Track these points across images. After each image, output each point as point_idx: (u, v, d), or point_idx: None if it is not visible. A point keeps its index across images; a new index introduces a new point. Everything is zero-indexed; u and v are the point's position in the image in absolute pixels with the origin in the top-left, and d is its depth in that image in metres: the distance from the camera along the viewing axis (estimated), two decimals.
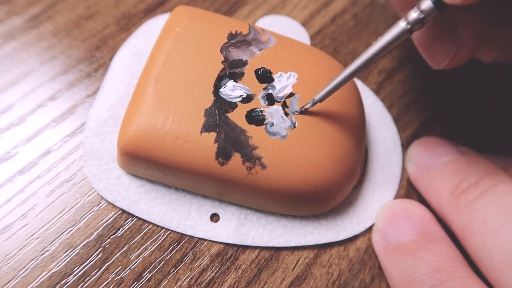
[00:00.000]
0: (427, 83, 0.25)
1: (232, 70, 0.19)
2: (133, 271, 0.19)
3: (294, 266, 0.20)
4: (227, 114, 0.18)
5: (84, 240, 0.19)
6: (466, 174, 0.19)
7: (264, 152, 0.18)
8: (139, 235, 0.19)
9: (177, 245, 0.19)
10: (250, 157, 0.18)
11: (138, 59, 0.22)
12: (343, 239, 0.20)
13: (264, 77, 0.19)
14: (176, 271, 0.19)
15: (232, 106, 0.18)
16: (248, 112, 0.18)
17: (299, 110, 0.19)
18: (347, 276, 0.20)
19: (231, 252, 0.20)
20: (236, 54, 0.19)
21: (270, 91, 0.19)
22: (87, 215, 0.19)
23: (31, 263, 0.18)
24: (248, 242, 0.20)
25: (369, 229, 0.21)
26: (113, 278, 0.18)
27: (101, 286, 0.18)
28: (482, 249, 0.17)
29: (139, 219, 0.20)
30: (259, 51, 0.20)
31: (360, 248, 0.20)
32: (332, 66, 0.21)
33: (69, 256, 0.19)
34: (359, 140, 0.20)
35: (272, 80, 0.19)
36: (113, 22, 0.24)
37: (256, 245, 0.20)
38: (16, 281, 0.18)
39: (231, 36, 0.20)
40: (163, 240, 0.19)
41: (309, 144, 0.18)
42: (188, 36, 0.19)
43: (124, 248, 0.19)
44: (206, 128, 0.18)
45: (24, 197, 0.19)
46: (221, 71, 0.19)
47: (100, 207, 0.20)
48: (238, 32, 0.20)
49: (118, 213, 0.20)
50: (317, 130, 0.19)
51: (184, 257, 0.19)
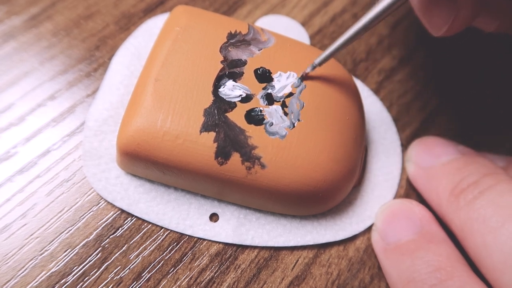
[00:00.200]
0: (427, 83, 0.25)
1: (232, 70, 0.19)
2: (133, 271, 0.19)
3: (294, 266, 0.20)
4: (227, 114, 0.18)
5: (84, 240, 0.19)
6: (466, 174, 0.19)
7: (264, 152, 0.18)
8: (139, 235, 0.19)
9: (177, 245, 0.19)
10: (250, 157, 0.18)
11: (138, 59, 0.22)
12: (343, 239, 0.20)
13: (264, 77, 0.19)
14: (176, 271, 0.19)
15: (232, 106, 0.18)
16: (248, 112, 0.18)
17: (301, 76, 0.19)
18: (347, 276, 0.20)
19: (231, 252, 0.20)
20: (236, 54, 0.19)
21: (270, 91, 0.19)
22: (87, 215, 0.19)
23: (31, 263, 0.18)
24: (248, 242, 0.20)
25: (369, 229, 0.21)
26: (113, 278, 0.18)
27: (100, 286, 0.18)
28: (482, 249, 0.17)
29: (139, 219, 0.20)
30: (259, 51, 0.20)
31: (360, 248, 0.20)
32: (332, 66, 0.21)
33: (68, 256, 0.19)
34: (359, 140, 0.20)
35: (272, 80, 0.19)
36: (113, 22, 0.24)
37: (256, 245, 0.20)
38: (15, 281, 0.18)
39: (231, 36, 0.20)
40: (163, 240, 0.19)
41: (309, 144, 0.18)
42: (188, 36, 0.19)
43: (124, 248, 0.19)
44: (206, 128, 0.18)
45: (24, 197, 0.19)
46: (221, 71, 0.19)
47: (100, 207, 0.20)
48: (238, 32, 0.20)
49: (118, 213, 0.20)
50: (317, 130, 0.19)
51: (184, 257, 0.19)
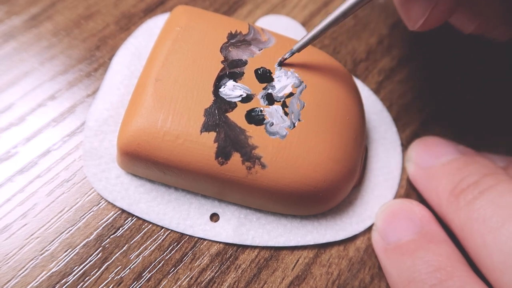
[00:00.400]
0: (427, 83, 0.25)
1: (232, 70, 0.19)
2: (133, 271, 0.19)
3: (294, 266, 0.20)
4: (227, 114, 0.18)
5: (84, 240, 0.19)
6: (466, 174, 0.19)
7: (264, 152, 0.18)
8: (139, 235, 0.19)
9: (177, 245, 0.19)
10: (250, 157, 0.18)
11: (138, 59, 0.22)
12: (343, 239, 0.20)
13: (264, 77, 0.19)
14: (176, 271, 0.19)
15: (232, 106, 0.18)
16: (248, 112, 0.18)
17: (279, 62, 0.19)
18: (347, 276, 0.20)
19: (231, 252, 0.20)
20: (236, 54, 0.19)
21: (270, 91, 0.19)
22: (87, 215, 0.19)
23: (31, 263, 0.18)
24: (248, 242, 0.20)
25: (369, 229, 0.21)
26: (113, 278, 0.18)
27: (101, 286, 0.18)
28: (482, 249, 0.17)
29: (139, 219, 0.20)
30: (259, 51, 0.20)
31: (360, 248, 0.20)
32: (332, 66, 0.21)
33: (69, 256, 0.19)
34: (359, 140, 0.20)
35: (272, 80, 0.19)
36: (113, 22, 0.24)
37: (256, 245, 0.20)
38: (16, 281, 0.18)
39: (231, 36, 0.20)
40: (163, 240, 0.19)
41: (309, 144, 0.18)
42: (188, 36, 0.19)
43: (124, 248, 0.19)
44: (206, 128, 0.18)
45: (24, 197, 0.19)
46: (221, 71, 0.19)
47: (100, 207, 0.20)
48: (238, 32, 0.20)
49: (118, 213, 0.20)
50: (317, 130, 0.19)
51: (184, 257, 0.19)
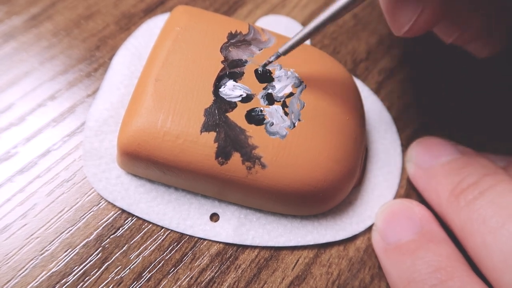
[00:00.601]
0: (427, 83, 0.25)
1: (232, 70, 0.19)
2: (133, 271, 0.19)
3: (294, 266, 0.20)
4: (227, 114, 0.18)
5: (84, 240, 0.19)
6: (466, 174, 0.19)
7: (264, 152, 0.18)
8: (139, 235, 0.19)
9: (177, 245, 0.19)
10: (250, 157, 0.18)
11: (138, 59, 0.22)
12: (343, 239, 0.20)
13: (264, 77, 0.19)
14: (176, 271, 0.19)
15: (232, 106, 0.18)
16: (248, 112, 0.18)
17: (264, 64, 0.19)
18: (347, 276, 0.20)
19: (231, 252, 0.20)
20: (236, 54, 0.19)
21: (270, 91, 0.19)
22: (87, 215, 0.19)
23: (31, 263, 0.18)
24: (248, 242, 0.20)
25: (369, 229, 0.21)
26: (113, 278, 0.18)
27: (101, 286, 0.18)
28: (482, 249, 0.17)
29: (139, 219, 0.20)
30: (259, 51, 0.20)
31: (360, 248, 0.20)
32: (332, 66, 0.21)
33: (69, 256, 0.19)
34: (359, 140, 0.20)
35: (272, 80, 0.19)
36: (113, 22, 0.24)
37: (256, 245, 0.20)
38: (16, 281, 0.18)
39: (231, 36, 0.20)
40: (163, 240, 0.19)
41: (309, 144, 0.18)
42: (188, 36, 0.19)
43: (124, 248, 0.19)
44: (206, 128, 0.18)
45: (24, 197, 0.19)
46: (221, 71, 0.19)
47: (100, 207, 0.20)
48: (238, 32, 0.20)
49: (118, 213, 0.20)
50: (317, 130, 0.19)
51: (184, 257, 0.19)
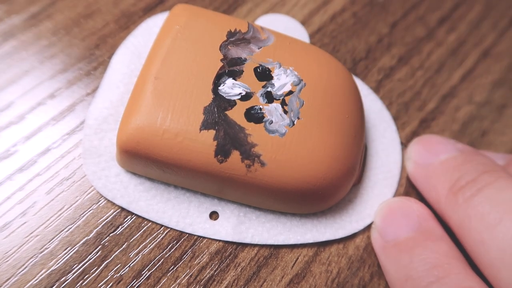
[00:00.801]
0: (426, 82, 0.25)
1: (231, 68, 0.19)
2: (133, 269, 0.19)
3: (293, 264, 0.20)
4: (226, 112, 0.18)
5: (84, 238, 0.19)
6: (464, 171, 0.19)
7: (263, 150, 0.18)
8: (138, 233, 0.19)
9: (176, 243, 0.19)
10: (249, 155, 0.18)
11: (138, 58, 0.22)
12: (343, 237, 0.20)
13: (263, 75, 0.19)
14: (175, 269, 0.19)
15: (231, 104, 0.18)
16: (247, 110, 0.18)
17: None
18: (347, 274, 0.20)
19: (230, 250, 0.20)
20: (235, 52, 0.20)
21: (269, 89, 0.19)
22: (87, 213, 0.19)
23: (30, 261, 0.18)
24: (247, 240, 0.20)
25: (369, 227, 0.21)
26: (113, 276, 0.18)
27: (100, 284, 0.18)
28: (479, 246, 0.17)
29: (138, 217, 0.20)
30: (258, 49, 0.20)
31: (360, 246, 0.20)
32: (332, 64, 0.21)
33: (68, 254, 0.19)
34: (359, 138, 0.20)
35: (271, 78, 0.19)
36: (113, 21, 0.24)
37: (255, 243, 0.20)
38: (15, 279, 0.18)
39: (230, 34, 0.20)
40: (162, 238, 0.19)
41: (308, 142, 0.18)
42: (187, 34, 0.19)
43: (123, 246, 0.19)
44: (205, 126, 0.18)
45: (24, 195, 0.19)
46: (220, 69, 0.19)
47: (99, 205, 0.20)
48: (237, 30, 0.20)
49: (117, 211, 0.20)
50: (316, 128, 0.19)
51: (183, 255, 0.19)
